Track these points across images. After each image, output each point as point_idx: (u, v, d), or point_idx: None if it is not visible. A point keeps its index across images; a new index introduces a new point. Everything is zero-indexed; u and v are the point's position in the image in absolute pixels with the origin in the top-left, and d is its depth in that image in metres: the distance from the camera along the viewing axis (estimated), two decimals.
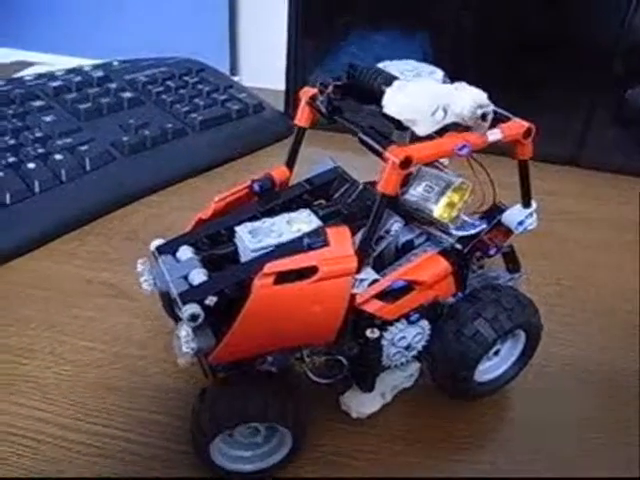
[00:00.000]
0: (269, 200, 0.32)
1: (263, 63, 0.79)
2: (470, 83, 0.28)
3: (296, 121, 0.32)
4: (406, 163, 0.26)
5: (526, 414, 0.36)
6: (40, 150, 0.51)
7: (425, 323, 0.32)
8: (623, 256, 0.50)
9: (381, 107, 0.27)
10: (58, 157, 0.50)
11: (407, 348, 0.32)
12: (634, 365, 0.39)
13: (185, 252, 0.30)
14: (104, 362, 0.37)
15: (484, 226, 0.32)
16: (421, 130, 0.27)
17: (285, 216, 0.30)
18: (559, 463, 0.33)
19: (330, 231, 0.28)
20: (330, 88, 0.29)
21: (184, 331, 0.27)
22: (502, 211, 0.33)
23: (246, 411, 0.28)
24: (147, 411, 0.34)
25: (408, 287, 0.30)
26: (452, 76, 0.31)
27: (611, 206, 0.57)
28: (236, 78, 0.79)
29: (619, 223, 0.54)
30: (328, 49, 0.65)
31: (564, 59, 0.60)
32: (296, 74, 0.66)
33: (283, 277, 0.27)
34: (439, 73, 0.30)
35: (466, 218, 0.32)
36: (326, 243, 0.28)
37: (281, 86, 0.68)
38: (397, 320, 0.31)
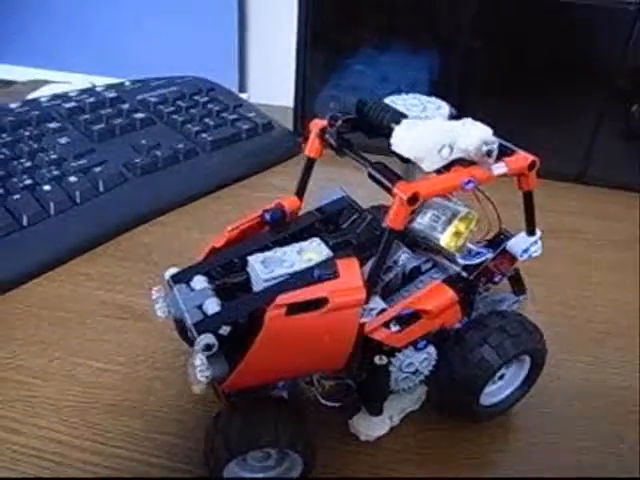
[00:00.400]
0: (280, 229, 0.33)
1: (271, 80, 0.80)
2: (476, 101, 0.29)
3: (306, 152, 0.33)
4: (414, 199, 0.27)
5: (532, 436, 0.36)
6: (55, 172, 0.52)
7: (432, 349, 0.33)
8: (628, 274, 0.50)
9: (390, 144, 0.28)
10: (73, 179, 0.52)
11: (414, 373, 0.33)
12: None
13: (199, 281, 0.31)
14: (119, 384, 0.38)
15: (490, 255, 0.33)
16: (428, 166, 0.28)
17: (296, 246, 0.31)
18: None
19: (340, 263, 0.29)
20: (339, 122, 0.30)
21: (199, 360, 0.28)
22: (507, 239, 0.34)
23: (258, 438, 0.29)
24: (161, 433, 0.35)
25: (415, 315, 0.31)
26: (459, 94, 0.31)
27: (617, 224, 0.58)
28: (244, 95, 0.81)
29: (624, 240, 0.55)
30: (337, 67, 0.66)
31: (570, 76, 0.60)
32: (304, 92, 0.67)
33: (295, 308, 0.28)
34: (445, 108, 0.30)
35: (472, 247, 0.32)
36: (336, 275, 0.29)
37: (288, 102, 0.69)
38: (405, 347, 0.32)
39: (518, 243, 0.34)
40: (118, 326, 0.43)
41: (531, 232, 0.34)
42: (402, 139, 0.27)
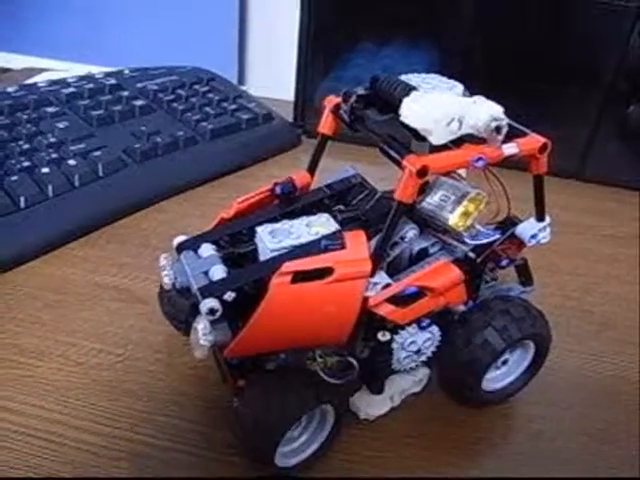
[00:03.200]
0: (290, 203, 0.33)
1: (270, 73, 0.80)
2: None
3: (320, 129, 0.33)
4: (423, 172, 0.26)
5: (532, 424, 0.36)
6: (54, 155, 0.52)
7: (435, 329, 0.33)
8: (625, 268, 0.51)
9: (399, 116, 0.28)
10: (71, 162, 0.51)
11: (417, 352, 0.33)
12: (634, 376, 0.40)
13: (207, 249, 0.31)
14: (117, 365, 0.38)
15: (497, 236, 0.33)
16: (436, 139, 0.28)
17: (304, 219, 0.31)
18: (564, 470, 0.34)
19: (347, 235, 0.29)
20: (353, 98, 0.30)
21: (202, 324, 0.28)
22: (516, 224, 0.34)
23: (308, 401, 0.29)
24: (160, 414, 0.35)
25: (420, 293, 0.31)
26: None
27: (615, 220, 0.58)
28: (243, 88, 0.80)
29: (621, 236, 0.55)
30: (338, 60, 0.66)
31: (569, 75, 0.61)
32: (305, 85, 0.67)
33: (300, 276, 0.27)
34: (459, 87, 0.30)
35: (480, 228, 0.32)
36: (343, 246, 0.28)
37: (286, 96, 0.69)
38: (408, 324, 0.31)
39: (527, 228, 0.33)
40: (115, 308, 0.42)
41: (540, 218, 0.33)
42: (410, 109, 0.27)
